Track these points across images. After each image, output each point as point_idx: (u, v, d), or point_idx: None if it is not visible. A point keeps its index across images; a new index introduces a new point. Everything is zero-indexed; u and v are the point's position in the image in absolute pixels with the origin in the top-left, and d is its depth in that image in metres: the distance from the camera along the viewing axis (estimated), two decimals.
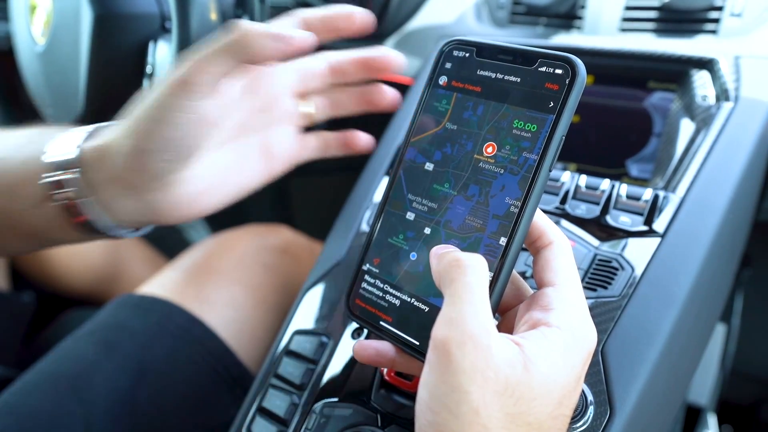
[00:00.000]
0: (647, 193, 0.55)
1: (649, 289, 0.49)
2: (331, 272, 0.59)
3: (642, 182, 0.62)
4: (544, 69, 0.37)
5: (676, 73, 0.63)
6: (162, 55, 0.63)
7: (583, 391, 0.44)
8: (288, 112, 0.53)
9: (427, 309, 0.39)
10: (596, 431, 0.43)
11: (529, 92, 0.37)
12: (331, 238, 0.63)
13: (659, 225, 0.53)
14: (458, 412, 0.31)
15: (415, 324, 0.39)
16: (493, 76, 0.39)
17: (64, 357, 0.71)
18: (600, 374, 0.45)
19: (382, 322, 0.40)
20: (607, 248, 0.53)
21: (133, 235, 0.50)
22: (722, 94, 0.60)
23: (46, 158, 0.45)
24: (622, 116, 0.65)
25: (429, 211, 0.40)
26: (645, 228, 0.54)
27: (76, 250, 1.05)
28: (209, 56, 0.42)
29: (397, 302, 0.40)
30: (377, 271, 0.42)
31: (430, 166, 0.41)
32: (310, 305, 0.58)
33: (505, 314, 0.40)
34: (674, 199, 0.54)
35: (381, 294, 0.41)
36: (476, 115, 0.39)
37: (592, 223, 0.56)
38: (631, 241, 0.53)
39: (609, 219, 0.55)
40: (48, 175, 0.45)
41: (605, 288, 0.50)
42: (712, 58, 0.61)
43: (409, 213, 0.41)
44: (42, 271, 1.04)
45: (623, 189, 0.57)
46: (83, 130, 0.47)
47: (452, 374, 0.31)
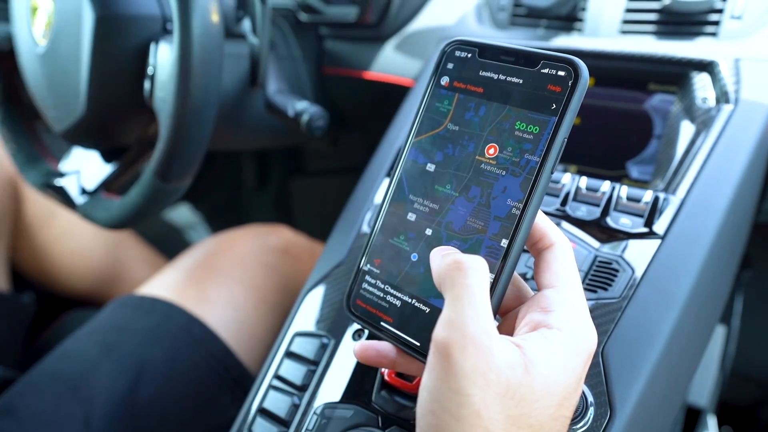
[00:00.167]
0: (647, 195, 0.56)
1: (650, 291, 0.49)
2: (331, 273, 0.59)
3: (642, 184, 0.62)
4: (546, 71, 0.37)
5: (676, 75, 0.63)
6: (163, 57, 0.63)
7: (583, 392, 0.44)
8: None
9: (428, 310, 0.39)
10: None
11: (532, 94, 0.37)
12: (332, 240, 0.63)
13: (659, 227, 0.53)
14: (459, 415, 0.31)
15: (416, 325, 0.39)
16: (496, 77, 0.39)
17: (65, 357, 0.71)
18: (600, 375, 0.45)
19: (382, 323, 0.40)
20: (608, 250, 0.53)
21: None
22: (722, 97, 0.60)
23: None
24: (622, 118, 0.65)
25: (430, 212, 0.40)
26: (645, 230, 0.54)
27: (76, 251, 1.05)
28: None
29: (398, 303, 0.40)
30: (378, 271, 0.42)
31: (431, 167, 0.40)
32: (311, 307, 0.58)
33: (506, 316, 0.40)
34: (674, 201, 0.55)
35: (382, 294, 0.41)
36: (478, 116, 0.39)
37: (593, 225, 0.56)
38: (632, 242, 0.53)
39: (609, 221, 0.55)
40: None
41: (605, 289, 0.50)
42: (713, 60, 0.61)
43: (410, 214, 0.41)
44: (42, 272, 1.04)
45: (624, 191, 0.57)
46: None
47: (453, 377, 0.31)
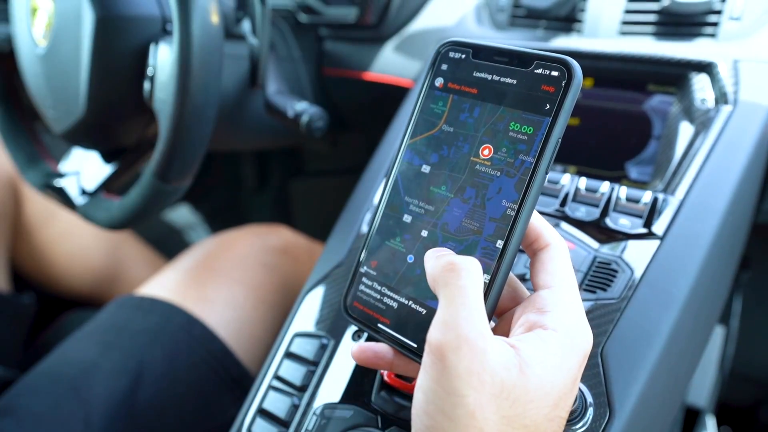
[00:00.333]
0: (647, 196, 0.55)
1: (649, 291, 0.49)
2: (331, 274, 0.59)
3: (641, 185, 0.62)
4: (540, 71, 0.37)
5: (675, 76, 0.63)
6: (163, 58, 0.63)
7: (582, 393, 0.44)
8: None
9: (425, 312, 0.39)
10: None
11: (526, 94, 0.37)
12: (332, 240, 0.63)
13: (658, 227, 0.53)
14: (454, 415, 0.31)
15: (413, 326, 0.39)
16: (490, 78, 0.39)
17: (65, 358, 0.71)
18: (599, 376, 0.45)
19: (380, 325, 0.40)
20: (607, 250, 0.53)
21: None
22: (721, 98, 0.60)
23: None
24: (621, 119, 0.65)
25: (426, 213, 0.40)
26: (644, 230, 0.54)
27: (76, 252, 1.05)
28: None
29: (395, 305, 0.40)
30: (375, 273, 0.42)
31: (426, 169, 0.40)
32: (311, 307, 0.58)
33: (502, 316, 0.40)
34: (673, 202, 0.55)
35: (379, 296, 0.41)
36: (473, 117, 0.39)
37: (592, 226, 0.56)
38: (631, 243, 0.53)
39: (608, 221, 0.55)
40: None
41: (605, 290, 0.50)
42: (711, 61, 0.61)
43: (405, 215, 0.41)
44: (42, 273, 1.04)
45: (623, 191, 0.57)
46: None
47: (448, 378, 0.31)
